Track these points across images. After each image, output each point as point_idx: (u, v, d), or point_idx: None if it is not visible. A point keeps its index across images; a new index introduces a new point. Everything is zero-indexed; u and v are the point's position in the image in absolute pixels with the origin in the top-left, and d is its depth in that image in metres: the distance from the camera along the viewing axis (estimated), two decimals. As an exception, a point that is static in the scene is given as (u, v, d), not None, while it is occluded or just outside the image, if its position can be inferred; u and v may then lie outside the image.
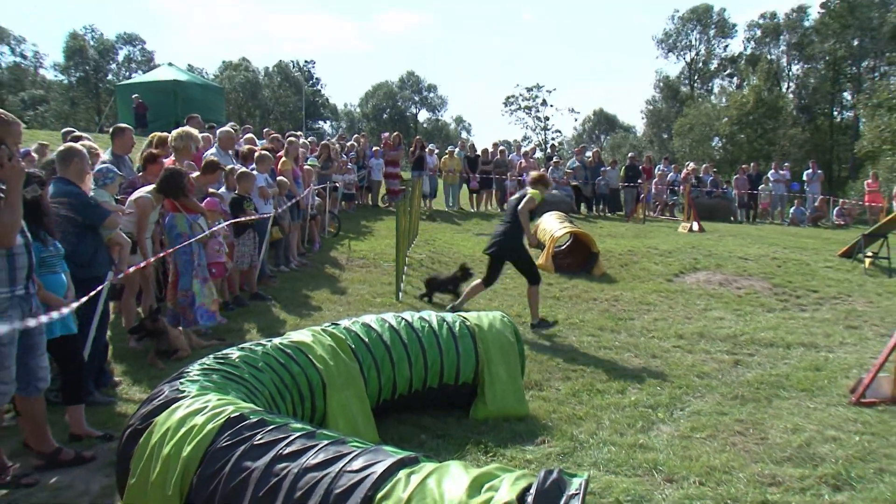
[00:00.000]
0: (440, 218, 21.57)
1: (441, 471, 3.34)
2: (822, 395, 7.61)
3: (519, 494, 3.12)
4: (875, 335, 10.21)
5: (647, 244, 16.93)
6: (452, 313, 7.01)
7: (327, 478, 3.42)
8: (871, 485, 5.45)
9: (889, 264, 15.14)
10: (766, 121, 53.24)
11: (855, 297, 12.80)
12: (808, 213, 26.07)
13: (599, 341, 9.37)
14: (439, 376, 6.48)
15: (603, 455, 5.82)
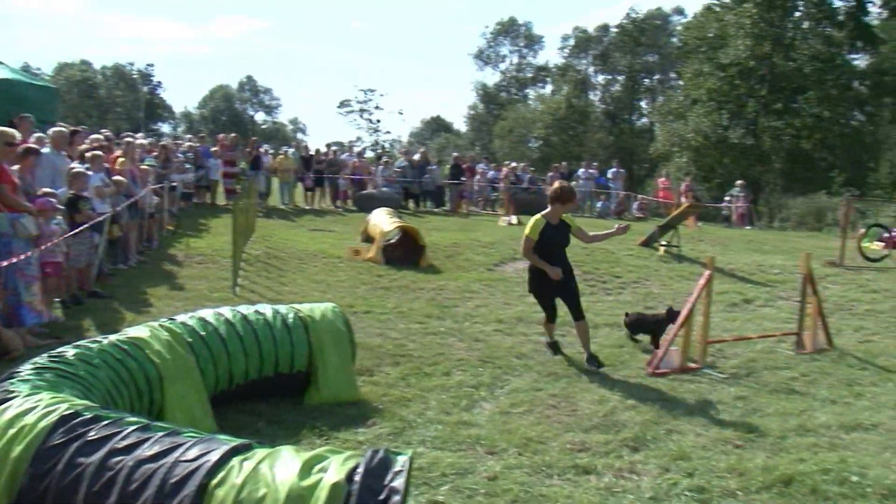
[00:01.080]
0: (276, 215, 21.23)
1: (273, 456, 3.30)
2: (624, 368, 8.00)
3: (347, 474, 3.11)
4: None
5: (470, 237, 17.25)
6: (287, 306, 6.89)
7: (162, 468, 3.29)
8: (662, 444, 5.78)
9: (679, 251, 16.06)
10: (577, 125, 55.36)
11: (651, 282, 13.52)
12: (613, 207, 27.27)
13: (426, 328, 9.47)
14: (274, 366, 6.39)
15: (430, 433, 5.88)
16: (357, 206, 23.08)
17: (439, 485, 4.90)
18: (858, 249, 17.03)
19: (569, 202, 8.09)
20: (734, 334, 9.60)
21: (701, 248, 17.22)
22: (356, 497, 3.00)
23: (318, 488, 3.05)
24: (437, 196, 25.41)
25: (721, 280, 13.06)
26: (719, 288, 12.00)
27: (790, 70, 37.17)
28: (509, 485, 4.92)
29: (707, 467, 5.32)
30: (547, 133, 55.30)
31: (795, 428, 6.20)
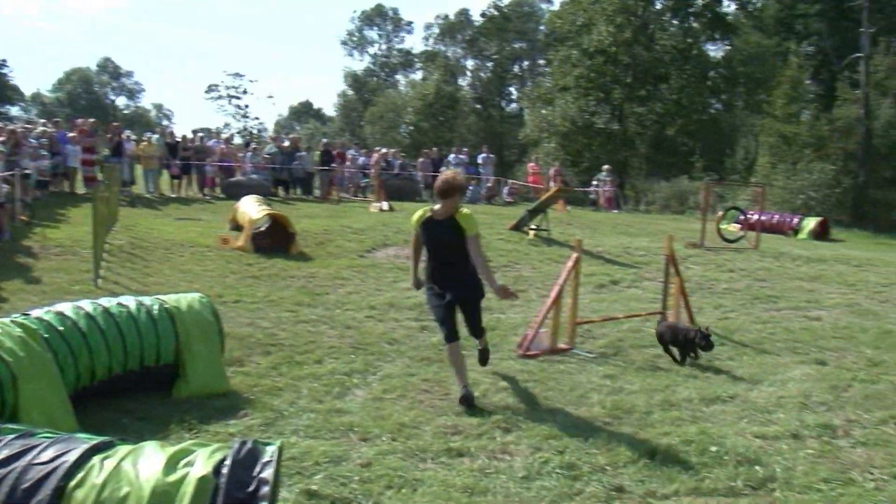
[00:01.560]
0: (141, 204, 20.44)
1: (136, 452, 3.17)
2: (495, 351, 8.08)
3: (214, 467, 3.03)
4: (538, 296, 11.04)
5: (340, 223, 17.11)
6: (152, 297, 6.63)
7: (13, 473, 3.08)
8: (534, 424, 5.90)
9: (548, 235, 16.43)
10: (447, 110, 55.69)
11: (522, 265, 13.78)
12: (483, 192, 27.62)
13: (297, 316, 9.33)
14: (139, 359, 6.18)
15: (302, 422, 5.81)
16: (225, 194, 22.47)
17: (313, 473, 4.84)
18: (717, 231, 17.94)
19: (446, 196, 6.39)
20: (602, 315, 9.90)
21: (570, 232, 17.67)
22: (224, 490, 2.93)
23: (185, 483, 2.96)
24: (307, 183, 25.08)
25: (589, 262, 13.46)
26: (587, 270, 12.36)
27: (651, 59, 38.65)
28: (383, 470, 4.91)
29: (577, 445, 5.46)
30: (417, 119, 55.44)
31: (660, 403, 6.46)
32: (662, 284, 9.45)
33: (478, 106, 62.10)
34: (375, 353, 7.79)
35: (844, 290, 12.49)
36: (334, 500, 4.52)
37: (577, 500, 4.58)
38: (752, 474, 5.00)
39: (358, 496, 4.58)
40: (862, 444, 5.61)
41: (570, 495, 4.66)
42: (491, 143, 37.40)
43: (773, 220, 22.99)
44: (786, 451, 5.44)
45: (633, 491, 4.77)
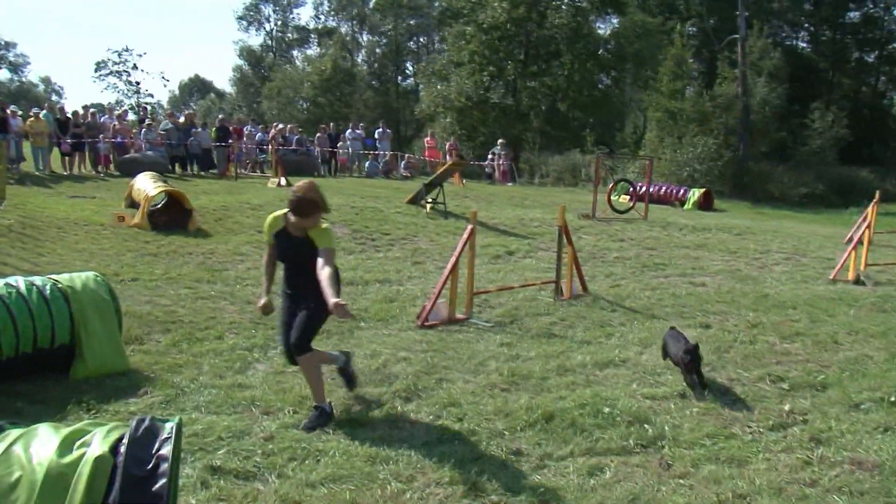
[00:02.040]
0: (31, 182, 19.51)
1: (28, 435, 3.06)
2: (395, 322, 8.14)
3: (111, 446, 2.96)
4: (436, 268, 11.11)
5: (239, 199, 16.77)
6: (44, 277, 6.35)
7: None
8: (433, 392, 5.97)
9: (445, 208, 16.52)
10: (343, 86, 55.21)
11: (420, 238, 13.82)
12: (381, 166, 27.51)
13: (197, 293, 9.14)
14: (33, 341, 5.94)
15: (204, 398, 5.73)
16: (120, 171, 21.68)
17: (215, 449, 4.78)
18: (608, 202, 18.39)
19: (304, 215, 5.30)
20: (498, 285, 10.04)
21: (466, 205, 17.80)
22: (123, 469, 2.87)
23: (81, 464, 2.88)
24: (205, 159, 24.43)
25: (485, 234, 13.62)
26: (484, 241, 12.51)
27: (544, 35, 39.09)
28: (286, 443, 4.89)
29: (476, 411, 5.55)
30: (314, 94, 54.73)
31: (555, 368, 6.61)
32: (556, 254, 9.64)
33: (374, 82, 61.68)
34: (276, 327, 7.70)
35: (727, 257, 13.02)
36: (238, 473, 4.47)
37: (476, 465, 4.65)
38: (643, 433, 5.18)
39: (262, 469, 4.55)
40: (741, 401, 5.88)
41: (470, 460, 4.73)
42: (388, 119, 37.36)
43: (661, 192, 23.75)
44: (673, 410, 5.65)
45: (530, 454, 4.88)
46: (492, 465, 4.69)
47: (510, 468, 4.67)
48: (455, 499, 4.25)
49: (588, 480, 4.50)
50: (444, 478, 4.48)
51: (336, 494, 4.24)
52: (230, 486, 4.32)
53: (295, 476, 4.46)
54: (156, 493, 2.86)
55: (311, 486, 4.34)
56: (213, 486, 4.32)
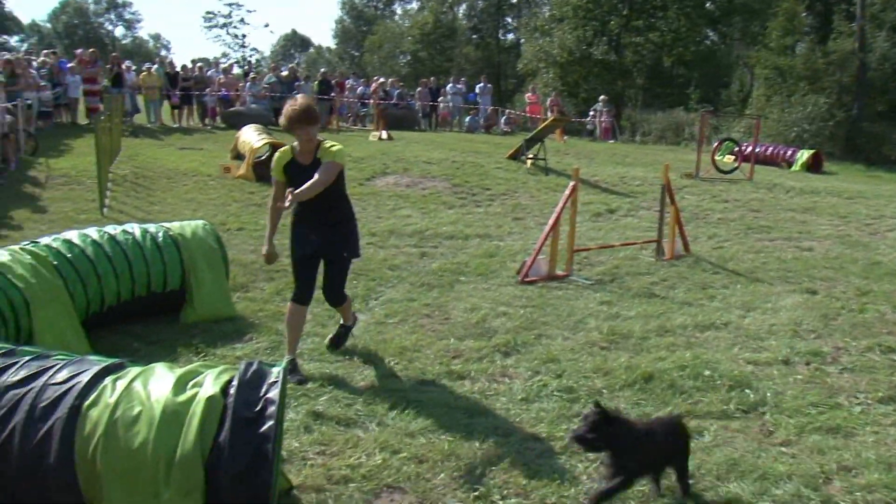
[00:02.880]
0: (143, 134, 20.20)
1: (147, 373, 3.19)
2: (495, 277, 8.12)
3: (222, 387, 3.06)
4: (536, 224, 11.03)
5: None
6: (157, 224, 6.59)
7: (31, 393, 3.12)
8: (532, 348, 5.95)
9: (546, 164, 16.33)
10: (444, 40, 54.82)
11: (520, 193, 13.72)
12: (481, 121, 27.37)
13: (299, 243, 9.31)
14: (147, 286, 6.18)
15: (307, 345, 5.85)
16: (226, 124, 22.23)
17: (318, 395, 4.89)
18: (713, 162, 17.83)
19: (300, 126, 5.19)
20: (599, 243, 9.91)
21: (567, 161, 17.57)
22: (232, 410, 2.95)
23: (194, 403, 2.98)
24: (307, 112, 24.79)
25: (586, 191, 13.42)
26: (585, 199, 12.33)
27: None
28: (386, 392, 4.97)
29: (574, 369, 5.51)
30: (416, 48, 54.61)
31: (656, 329, 6.49)
32: (658, 213, 9.43)
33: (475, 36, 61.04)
34: (377, 279, 7.80)
35: (836, 222, 12.48)
36: (339, 420, 4.57)
37: (574, 422, 4.62)
38: (744, 398, 5.05)
39: (362, 416, 4.63)
40: (849, 371, 5.65)
41: (567, 417, 4.71)
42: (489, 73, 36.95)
43: (768, 152, 22.83)
44: (776, 376, 5.49)
45: (628, 413, 4.82)
46: (589, 422, 4.66)
47: (608, 427, 4.63)
48: (552, 454, 4.24)
49: (687, 443, 4.42)
50: (541, 433, 4.48)
51: (434, 445, 4.28)
52: (332, 432, 4.41)
53: (394, 424, 4.53)
54: (263, 435, 2.94)
55: (410, 435, 4.40)
56: (315, 430, 4.42)
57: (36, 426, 3.04)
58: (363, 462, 4.05)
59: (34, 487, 3.04)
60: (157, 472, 2.86)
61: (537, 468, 4.05)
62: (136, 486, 2.88)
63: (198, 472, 2.86)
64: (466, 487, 3.86)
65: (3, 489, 3.08)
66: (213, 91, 23.10)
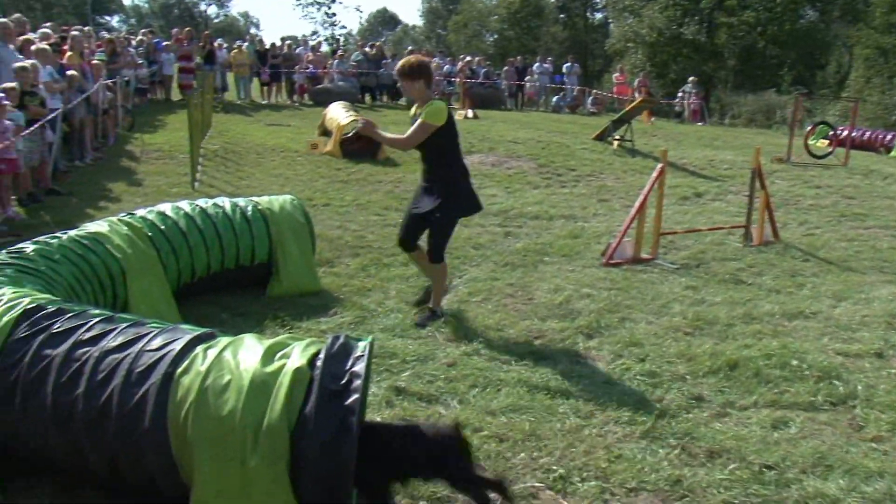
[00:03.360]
0: (233, 110, 20.67)
1: (236, 343, 3.27)
2: (579, 259, 8.06)
3: (310, 359, 3.12)
4: (621, 206, 10.88)
5: (427, 131, 17.00)
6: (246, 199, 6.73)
7: (128, 358, 3.25)
8: (616, 331, 5.88)
9: (632, 146, 16.07)
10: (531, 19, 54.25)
11: (606, 175, 13.55)
12: (568, 101, 27.07)
13: (385, 220, 9.41)
14: (235, 258, 6.32)
15: (391, 321, 5.92)
16: (314, 101, 22.57)
17: (400, 371, 4.95)
18: (805, 147, 17.23)
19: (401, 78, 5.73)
20: (686, 227, 9.71)
21: (654, 143, 17.25)
22: (318, 382, 3.01)
23: (282, 374, 3.04)
24: (394, 90, 24.95)
25: (673, 174, 13.15)
26: (671, 182, 12.07)
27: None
28: (468, 370, 4.98)
29: (658, 353, 5.43)
30: (502, 27, 54.23)
31: (742, 316, 6.34)
32: (747, 198, 9.18)
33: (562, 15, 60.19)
34: (461, 257, 7.82)
35: (936, 210, 11.93)
36: (421, 396, 4.61)
37: (657, 407, 4.56)
38: (833, 390, 4.88)
39: (444, 393, 4.66)
40: (947, 368, 5.43)
41: (650, 402, 4.65)
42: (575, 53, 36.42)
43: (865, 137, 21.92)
44: (868, 369, 5.29)
45: (711, 400, 4.73)
46: (672, 408, 4.59)
47: (691, 413, 4.54)
48: (633, 438, 4.20)
49: (772, 433, 4.30)
50: (622, 417, 4.43)
51: (515, 424, 4.28)
52: (413, 408, 4.45)
53: (476, 403, 4.54)
54: (348, 408, 2.98)
55: (492, 413, 4.41)
56: (397, 405, 4.47)
57: (132, 390, 3.16)
58: (445, 438, 4.09)
59: (130, 449, 3.16)
60: (244, 440, 2.93)
61: (618, 452, 4.02)
62: (224, 452, 2.96)
63: (284, 441, 2.92)
64: (546, 468, 3.86)
65: (102, 450, 3.22)
66: (301, 68, 23.43)
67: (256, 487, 2.93)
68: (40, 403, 3.30)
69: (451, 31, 60.39)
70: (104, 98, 13.76)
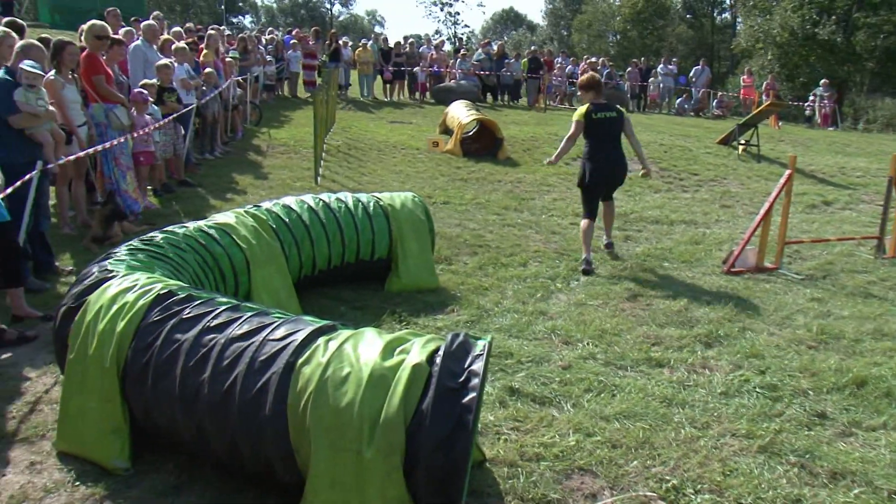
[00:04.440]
0: (356, 107, 21.12)
1: (357, 337, 3.33)
2: (699, 265, 7.86)
3: (428, 356, 3.15)
4: (745, 213, 10.54)
5: (547, 131, 16.94)
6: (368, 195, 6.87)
7: (252, 346, 3.38)
8: (735, 341, 5.71)
9: (758, 151, 15.51)
10: (656, 19, 53.06)
11: (729, 180, 13.14)
12: (692, 104, 26.38)
13: (504, 219, 9.43)
14: (356, 253, 6.45)
15: (507, 322, 5.92)
16: (435, 99, 22.79)
17: (515, 371, 4.95)
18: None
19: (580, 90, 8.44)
20: (812, 236, 9.32)
21: (781, 149, 16.61)
22: (437, 379, 3.03)
23: (401, 369, 3.08)
24: (515, 90, 24.90)
25: (801, 181, 12.63)
26: (799, 189, 11.62)
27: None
28: (583, 374, 4.94)
29: (779, 366, 5.24)
30: (626, 27, 53.27)
31: (871, 332, 6.04)
32: (882, 207, 8.72)
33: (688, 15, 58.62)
34: (579, 260, 7.74)
35: None
36: (535, 397, 4.60)
37: (776, 422, 4.40)
38: (973, 415, 4.60)
39: (558, 396, 4.64)
40: None
41: (769, 416, 4.49)
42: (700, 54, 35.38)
43: None
44: None
45: (836, 418, 4.52)
46: (792, 424, 4.41)
47: (813, 430, 4.36)
48: (750, 453, 4.06)
49: (902, 457, 4.09)
50: (740, 430, 4.30)
51: (629, 431, 4.22)
52: (526, 409, 4.44)
53: (589, 407, 4.50)
54: (465, 406, 2.99)
55: (605, 419, 4.36)
56: (510, 406, 4.47)
57: (255, 378, 3.28)
58: (556, 441, 4.07)
59: (250, 434, 3.27)
60: (361, 432, 2.98)
61: (734, 465, 3.91)
62: (340, 443, 3.02)
63: (399, 435, 2.96)
64: (659, 477, 3.79)
65: (223, 434, 3.35)
66: (424, 66, 23.67)
67: (370, 479, 2.98)
68: (170, 385, 3.47)
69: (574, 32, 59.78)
70: (235, 94, 14.32)
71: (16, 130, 6.25)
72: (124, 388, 3.63)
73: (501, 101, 24.59)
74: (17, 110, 6.22)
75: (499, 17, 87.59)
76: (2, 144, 6.14)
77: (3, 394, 4.46)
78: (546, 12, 73.40)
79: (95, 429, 3.68)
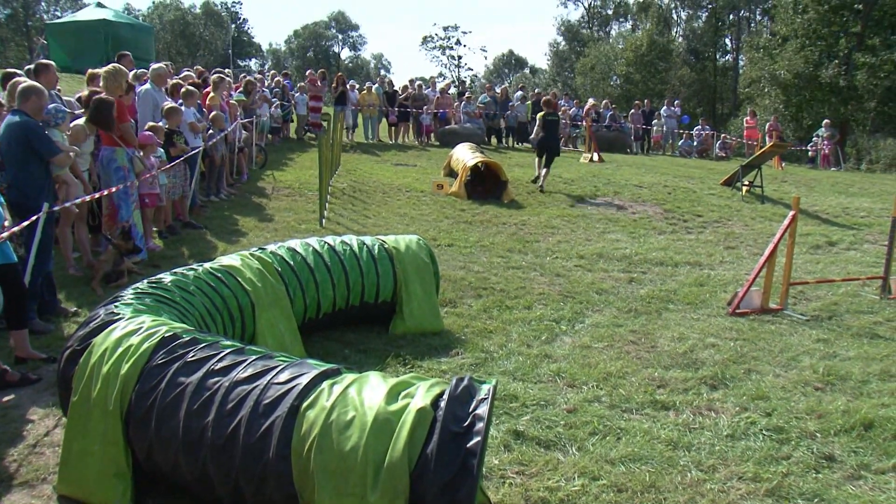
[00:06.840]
0: (360, 149, 21.26)
1: (361, 381, 3.35)
2: (704, 307, 7.85)
3: (433, 400, 3.15)
4: (749, 254, 10.55)
5: (551, 173, 17.00)
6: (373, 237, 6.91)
7: (256, 390, 3.40)
8: (742, 383, 5.69)
9: (762, 192, 15.56)
10: (659, 62, 53.57)
11: (734, 221, 13.17)
12: (695, 146, 26.52)
13: (508, 262, 9.44)
14: (360, 296, 6.46)
15: (511, 364, 5.92)
16: (440, 142, 22.95)
17: (520, 415, 4.94)
18: (951, 194, 16.25)
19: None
20: (817, 276, 9.32)
21: (784, 189, 16.67)
22: (441, 423, 3.03)
23: (405, 413, 3.08)
24: (520, 132, 25.07)
25: (805, 222, 12.66)
26: (803, 230, 11.64)
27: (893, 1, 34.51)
28: (588, 417, 4.92)
29: (786, 408, 5.21)
30: (629, 70, 53.75)
31: (878, 373, 6.01)
32: (886, 248, 8.72)
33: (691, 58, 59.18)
34: (584, 302, 7.76)
35: None
36: (539, 441, 4.57)
37: (783, 465, 4.37)
38: (983, 457, 4.55)
39: (563, 440, 4.61)
40: None
41: (776, 459, 4.46)
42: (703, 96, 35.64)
43: None
44: None
45: (844, 461, 4.49)
46: (800, 466, 4.38)
47: (820, 473, 4.33)
48: (758, 497, 4.03)
49: (912, 500, 4.06)
50: (747, 473, 4.26)
51: (635, 475, 4.19)
52: (531, 452, 4.42)
53: (595, 450, 4.47)
54: (470, 450, 2.99)
55: (611, 462, 4.33)
56: (515, 449, 4.45)
57: (259, 421, 3.29)
58: (561, 485, 4.04)
59: (254, 478, 3.27)
60: (365, 476, 2.98)
61: (742, 509, 3.88)
62: (345, 487, 3.02)
63: (404, 479, 2.96)
64: (666, 521, 3.76)
65: (227, 478, 3.35)
66: (429, 109, 23.89)
67: (375, 524, 2.96)
68: (174, 427, 3.48)
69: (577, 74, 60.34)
70: (240, 136, 14.44)
71: (31, 173, 6.32)
72: (127, 431, 3.64)
73: (506, 144, 24.75)
74: (58, 150, 6.38)
75: (500, 60, 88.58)
76: (16, 186, 6.23)
77: (5, 436, 4.46)
78: (549, 55, 74.24)
79: (98, 472, 3.67)
